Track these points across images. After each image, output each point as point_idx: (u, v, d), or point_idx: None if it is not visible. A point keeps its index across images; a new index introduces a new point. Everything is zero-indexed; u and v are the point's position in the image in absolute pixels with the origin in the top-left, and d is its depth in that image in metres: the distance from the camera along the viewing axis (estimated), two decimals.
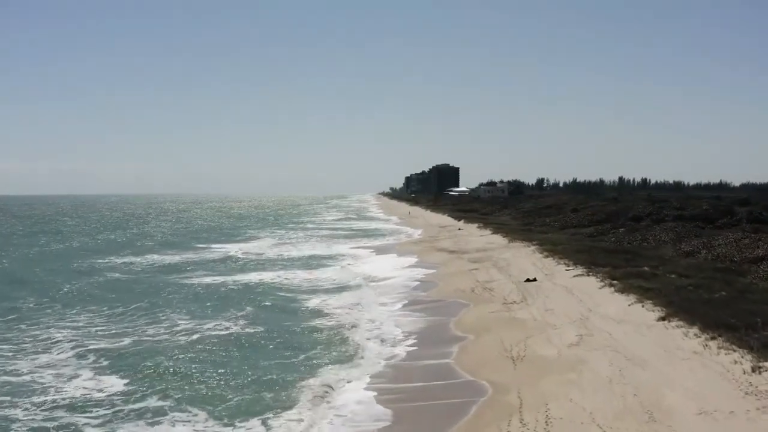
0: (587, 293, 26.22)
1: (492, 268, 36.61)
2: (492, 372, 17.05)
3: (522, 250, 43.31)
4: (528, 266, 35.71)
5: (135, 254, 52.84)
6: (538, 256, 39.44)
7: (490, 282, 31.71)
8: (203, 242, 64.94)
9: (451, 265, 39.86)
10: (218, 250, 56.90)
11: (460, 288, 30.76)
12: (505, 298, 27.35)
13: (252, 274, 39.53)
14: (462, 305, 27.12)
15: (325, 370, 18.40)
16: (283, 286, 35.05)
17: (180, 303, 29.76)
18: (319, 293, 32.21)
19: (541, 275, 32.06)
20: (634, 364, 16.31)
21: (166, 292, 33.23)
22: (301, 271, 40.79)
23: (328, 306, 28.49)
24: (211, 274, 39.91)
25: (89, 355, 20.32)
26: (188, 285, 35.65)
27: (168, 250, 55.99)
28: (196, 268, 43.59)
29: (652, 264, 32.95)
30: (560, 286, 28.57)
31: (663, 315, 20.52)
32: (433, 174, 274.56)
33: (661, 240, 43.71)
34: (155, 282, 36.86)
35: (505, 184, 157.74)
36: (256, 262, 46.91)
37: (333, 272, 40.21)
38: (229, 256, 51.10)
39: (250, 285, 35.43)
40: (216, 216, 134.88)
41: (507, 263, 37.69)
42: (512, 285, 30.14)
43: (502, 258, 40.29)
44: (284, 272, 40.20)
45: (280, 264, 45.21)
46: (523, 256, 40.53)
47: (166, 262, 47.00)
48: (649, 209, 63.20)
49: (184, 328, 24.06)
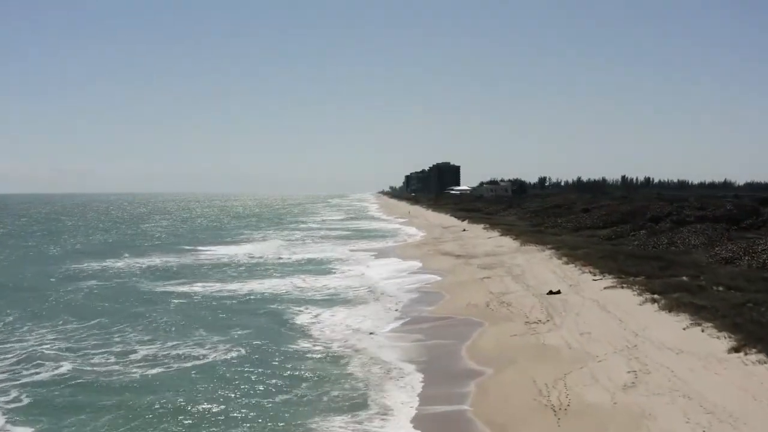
0: (626, 311, 22.11)
1: (506, 276, 32.50)
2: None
3: (537, 255, 39.18)
4: (547, 275, 31.61)
5: (121, 257, 48.71)
6: (557, 262, 35.32)
7: (505, 294, 27.60)
8: (197, 244, 60.77)
9: (458, 272, 35.74)
10: (210, 253, 52.77)
11: (471, 302, 26.64)
12: (527, 315, 23.23)
13: (241, 283, 35.39)
14: (475, 324, 23.02)
15: (306, 423, 14.27)
16: (274, 297, 30.92)
17: (149, 319, 25.64)
18: (312, 307, 28.07)
19: (565, 286, 27.94)
20: (719, 420, 12.23)
21: (138, 304, 29.16)
22: (297, 279, 36.66)
23: (321, 326, 24.35)
24: (196, 282, 35.78)
25: (11, 390, 16.23)
26: (168, 295, 31.59)
27: (158, 253, 51.83)
28: (183, 274, 39.47)
29: (689, 273, 28.85)
30: (590, 301, 24.45)
31: (735, 345, 16.40)
32: (434, 172, 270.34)
33: (691, 244, 39.58)
34: (131, 292, 32.77)
35: (508, 183, 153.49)
36: (249, 267, 42.78)
37: (330, 280, 36.10)
38: (221, 260, 46.99)
39: (237, 296, 31.35)
40: (213, 215, 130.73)
41: (522, 271, 33.57)
42: (533, 298, 26.03)
43: (516, 264, 36.17)
44: (278, 281, 36.04)
45: (274, 270, 41.07)
46: (539, 261, 36.40)
47: (152, 267, 42.89)
48: (667, 209, 58.99)
49: (144, 356, 19.92)
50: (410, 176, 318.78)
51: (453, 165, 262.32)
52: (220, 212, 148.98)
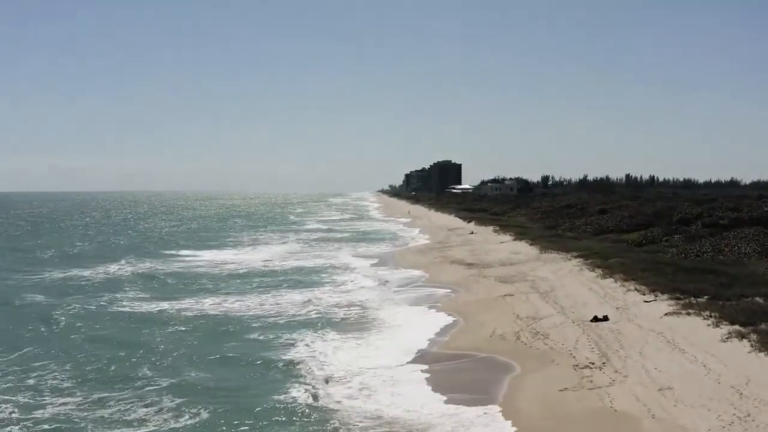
0: (708, 350, 16.57)
1: (531, 292, 26.94)
2: None
3: (563, 265, 33.63)
4: (583, 292, 26.07)
5: (86, 265, 43.17)
6: (590, 275, 29.78)
7: (537, 319, 22.04)
8: (180, 248, 55.15)
9: (473, 286, 30.16)
10: (192, 259, 47.24)
11: (496, 330, 21.06)
12: (574, 354, 17.68)
13: (216, 299, 29.81)
14: (504, 367, 17.50)
15: None
16: (249, 319, 25.38)
17: (85, 354, 20.14)
18: (291, 334, 22.53)
19: (611, 309, 22.40)
20: None
21: (82, 329, 23.68)
22: (281, 294, 31.12)
23: (298, 363, 18.81)
24: (160, 298, 30.27)
25: None
26: (121, 316, 26.16)
27: (132, 258, 46.22)
28: (149, 286, 33.95)
29: (761, 291, 23.36)
30: (652, 333, 18.92)
31: None
32: (434, 171, 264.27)
33: (741, 252, 34.05)
34: (71, 310, 27.25)
35: (513, 182, 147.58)
36: (230, 277, 37.18)
37: (319, 295, 30.54)
38: (200, 268, 41.43)
39: (207, 317, 25.84)
40: (209, 215, 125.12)
41: (551, 286, 28.01)
42: (575, 327, 20.48)
43: (541, 277, 30.62)
44: (259, 297, 30.42)
45: (259, 282, 35.50)
46: (569, 274, 30.86)
47: (116, 276, 37.42)
48: (697, 210, 53.44)
49: (51, 416, 14.33)
50: (410, 175, 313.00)
51: (454, 163, 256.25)
52: (217, 212, 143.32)
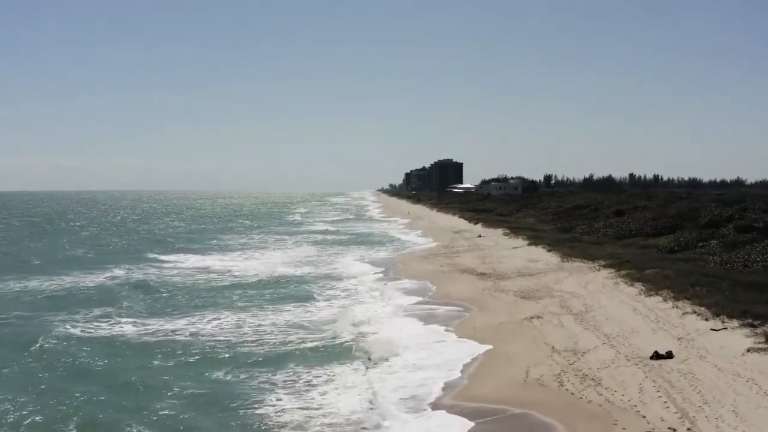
0: None
1: (563, 313, 22.33)
2: None
3: (592, 277, 29.03)
4: (626, 313, 21.46)
5: (67, 273, 38.58)
6: (629, 290, 25.16)
7: (579, 353, 17.42)
8: (160, 251, 50.48)
9: (489, 303, 25.53)
10: (172, 265, 42.67)
11: (530, 372, 16.37)
12: (642, 412, 13.06)
13: (185, 320, 25.26)
14: (546, 430, 12.88)
15: None
16: (213, 351, 20.77)
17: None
18: (269, 369, 17.95)
19: (670, 340, 17.81)
20: None
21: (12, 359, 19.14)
22: (265, 312, 26.53)
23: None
24: (122, 314, 25.76)
25: None
26: (66, 342, 21.56)
27: (126, 265, 41.61)
28: (115, 299, 29.39)
29: None
30: (739, 380, 14.33)
31: None
32: (435, 170, 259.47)
33: None
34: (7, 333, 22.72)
35: (517, 181, 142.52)
36: (204, 290, 32.57)
37: (311, 313, 25.96)
38: (173, 278, 36.81)
39: (157, 345, 21.23)
40: (204, 215, 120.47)
41: (584, 305, 23.39)
42: (631, 366, 15.87)
43: (569, 292, 26.00)
44: (234, 315, 25.82)
45: (239, 294, 30.93)
46: (602, 288, 26.24)
47: (71, 286, 32.86)
48: (726, 212, 48.82)
49: None
50: (410, 174, 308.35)
51: (455, 162, 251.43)
52: (214, 212, 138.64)
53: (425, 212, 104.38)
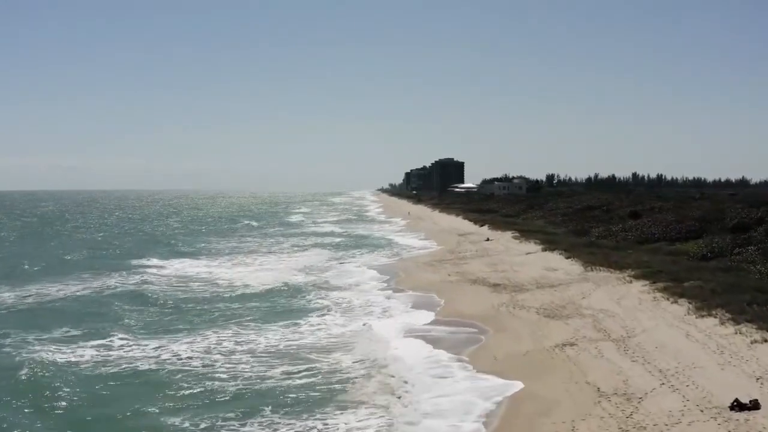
0: None
1: (601, 338, 18.63)
2: None
3: (623, 290, 25.31)
4: (678, 340, 17.77)
5: (24, 281, 35.03)
6: (673, 308, 21.44)
7: (633, 399, 13.71)
8: (147, 257, 46.72)
9: (508, 324, 21.81)
10: (153, 272, 39.11)
11: (577, 429, 12.65)
12: None
13: (153, 342, 21.62)
14: None
15: None
16: (167, 390, 17.10)
17: None
18: (233, 421, 14.27)
19: (747, 380, 14.12)
20: None
21: None
22: (244, 331, 22.87)
23: None
24: (83, 337, 22.19)
25: None
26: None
27: (122, 271, 38.14)
28: (75, 313, 25.76)
29: None
30: None
31: None
32: (436, 169, 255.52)
33: None
34: None
35: (522, 180, 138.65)
36: (177, 304, 28.93)
37: (298, 335, 22.29)
38: (147, 289, 33.15)
39: (108, 379, 17.59)
40: (202, 215, 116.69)
41: (624, 327, 19.68)
42: (710, 421, 12.19)
43: (601, 309, 22.30)
44: (203, 340, 22.14)
45: (220, 309, 27.28)
46: (639, 304, 22.53)
47: (38, 299, 29.25)
48: (754, 214, 45.12)
49: None
50: (411, 173, 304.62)
51: (457, 161, 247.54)
52: (210, 212, 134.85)
53: (427, 213, 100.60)
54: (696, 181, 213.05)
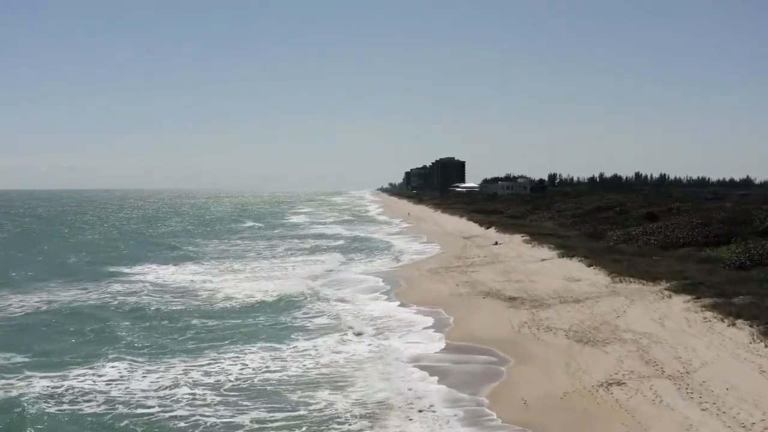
0: None
1: (653, 374, 15.06)
2: None
3: (663, 307, 21.72)
4: (750, 377, 14.21)
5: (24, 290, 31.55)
6: (734, 333, 17.84)
7: None
8: (131, 262, 43.16)
9: (533, 351, 18.23)
10: (131, 279, 35.67)
11: None
12: None
13: (108, 368, 18.13)
14: None
15: None
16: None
17: None
18: None
19: None
20: None
21: None
22: (219, 356, 19.33)
23: None
24: (6, 368, 18.60)
25: None
26: None
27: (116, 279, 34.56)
28: (26, 333, 22.27)
29: None
30: None
31: None
32: (436, 168, 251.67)
33: None
34: None
35: (526, 180, 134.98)
36: (157, 316, 25.42)
37: (280, 360, 18.75)
38: (128, 297, 29.65)
39: (21, 424, 14.05)
40: (197, 214, 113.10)
41: (679, 360, 16.10)
42: None
43: (644, 333, 18.72)
44: (172, 363, 18.61)
45: (195, 329, 23.72)
46: (688, 326, 18.96)
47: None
48: None
49: None
50: (411, 173, 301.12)
51: (458, 161, 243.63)
52: (204, 211, 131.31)
53: (429, 213, 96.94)
54: (701, 181, 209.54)
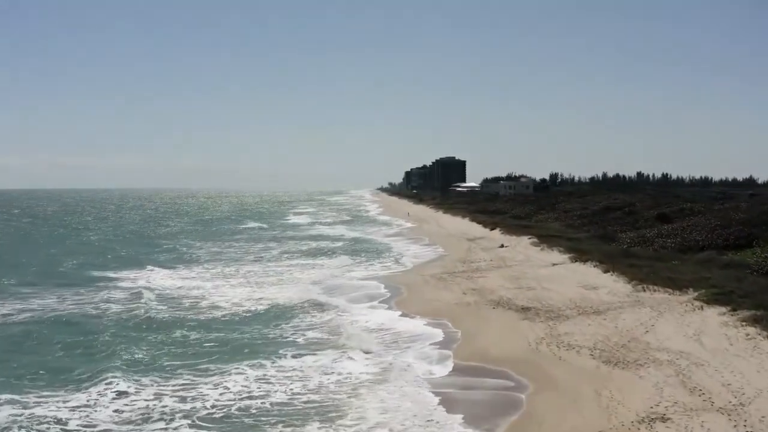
0: None
1: (701, 407, 12.76)
2: None
3: (696, 321, 19.42)
4: None
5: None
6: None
7: None
8: (117, 266, 40.91)
9: (555, 375, 15.92)
10: (113, 284, 33.46)
11: None
12: None
13: (66, 398, 15.85)
14: None
15: None
16: None
17: None
18: None
19: None
20: None
21: None
22: (187, 382, 17.05)
23: None
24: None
25: None
26: None
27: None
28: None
29: None
30: None
31: None
32: (437, 168, 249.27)
33: None
34: None
35: (529, 180, 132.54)
36: (136, 327, 23.12)
37: (258, 391, 16.46)
38: (106, 307, 27.40)
39: None
40: (197, 214, 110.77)
41: (728, 388, 13.81)
42: None
43: (680, 352, 16.43)
44: (141, 385, 16.33)
45: (168, 346, 21.43)
46: (729, 345, 16.67)
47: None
48: None
49: None
50: (411, 172, 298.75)
51: (458, 160, 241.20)
52: (201, 211, 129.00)
53: (430, 214, 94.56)
54: (704, 181, 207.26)
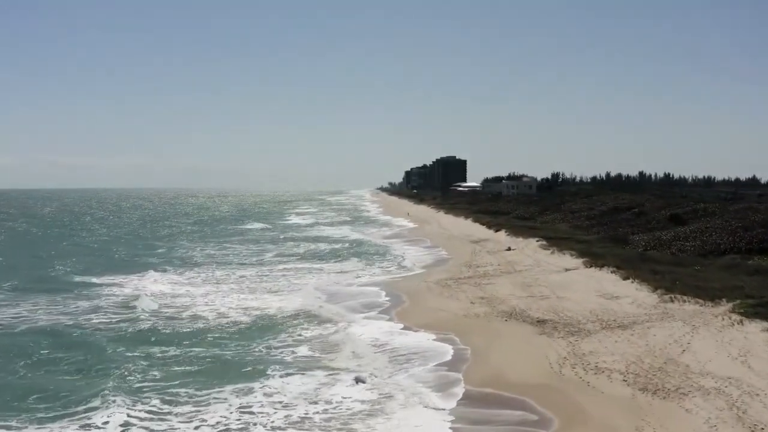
0: None
1: None
2: None
3: (738, 338, 17.19)
4: None
5: None
6: None
7: None
8: (102, 270, 38.69)
9: (587, 409, 13.67)
10: (95, 291, 31.33)
11: None
12: None
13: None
14: None
15: None
16: None
17: None
18: None
19: None
20: None
21: None
22: (158, 414, 14.83)
23: None
24: None
25: None
26: None
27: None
28: None
29: None
30: None
31: None
32: (437, 167, 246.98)
33: None
34: None
35: (532, 179, 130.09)
36: (116, 341, 20.92)
37: (240, 426, 14.22)
38: (88, 316, 25.18)
39: None
40: (197, 214, 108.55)
41: None
42: None
43: (727, 378, 14.22)
44: (113, 414, 14.10)
45: (143, 367, 19.22)
46: None
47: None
48: None
49: None
50: (411, 172, 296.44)
51: (459, 159, 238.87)
52: (200, 211, 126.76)
53: (431, 214, 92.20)
54: (706, 180, 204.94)
